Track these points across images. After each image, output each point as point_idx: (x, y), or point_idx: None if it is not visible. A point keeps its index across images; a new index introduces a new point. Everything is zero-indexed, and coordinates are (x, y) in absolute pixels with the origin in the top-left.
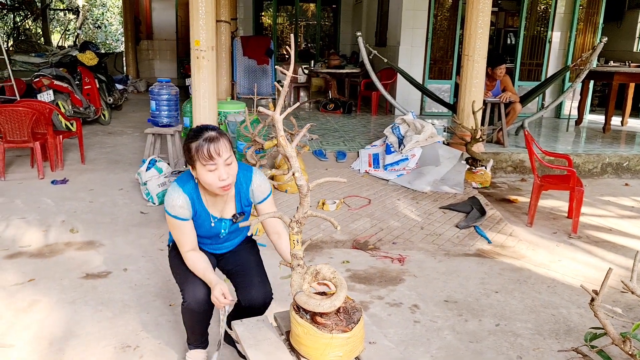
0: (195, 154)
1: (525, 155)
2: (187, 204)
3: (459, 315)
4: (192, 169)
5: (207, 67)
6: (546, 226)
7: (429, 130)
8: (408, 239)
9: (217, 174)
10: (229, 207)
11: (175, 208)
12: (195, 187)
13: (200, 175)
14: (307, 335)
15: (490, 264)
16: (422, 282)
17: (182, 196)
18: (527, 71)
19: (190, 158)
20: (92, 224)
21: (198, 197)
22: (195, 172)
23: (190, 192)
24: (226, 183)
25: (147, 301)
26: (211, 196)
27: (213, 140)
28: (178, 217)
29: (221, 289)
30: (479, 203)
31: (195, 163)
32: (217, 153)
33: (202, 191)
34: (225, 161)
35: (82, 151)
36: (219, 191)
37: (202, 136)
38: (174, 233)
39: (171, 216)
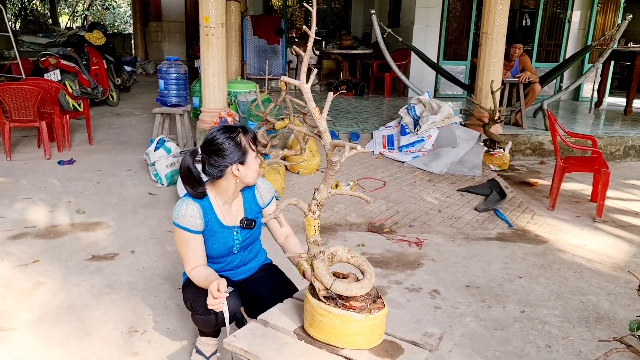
0: (248, 144)
1: (544, 137)
2: (199, 212)
3: (482, 301)
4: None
5: (217, 44)
6: (569, 210)
7: (446, 110)
8: (425, 222)
9: (258, 163)
10: (239, 214)
11: (186, 217)
12: (207, 198)
13: (251, 167)
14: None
15: (512, 249)
16: (442, 266)
17: (192, 204)
18: (545, 52)
19: (242, 153)
20: (99, 204)
21: (210, 207)
22: (241, 168)
23: (201, 202)
24: (260, 169)
25: (155, 284)
26: (223, 205)
27: (251, 133)
28: (188, 229)
29: (219, 284)
30: (498, 185)
31: (247, 155)
32: (256, 142)
33: (214, 201)
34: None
35: (89, 131)
36: (257, 178)
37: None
38: (181, 250)
39: (180, 228)
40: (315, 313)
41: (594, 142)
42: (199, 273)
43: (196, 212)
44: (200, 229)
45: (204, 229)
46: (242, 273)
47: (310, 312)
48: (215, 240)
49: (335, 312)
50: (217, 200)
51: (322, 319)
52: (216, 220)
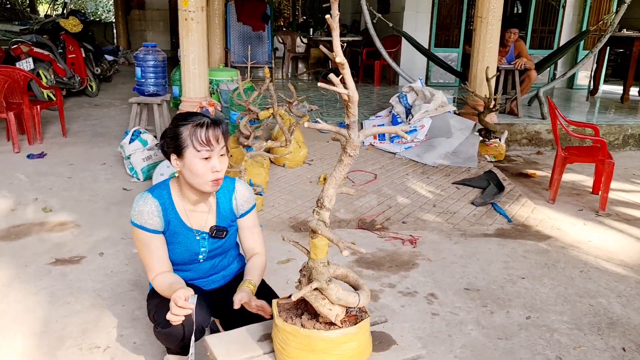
0: (189, 138)
1: (541, 126)
2: (158, 210)
3: (483, 306)
4: (177, 158)
5: (197, 29)
6: (570, 203)
7: (440, 98)
8: (419, 217)
9: (211, 165)
10: (208, 220)
11: (143, 215)
12: (169, 195)
13: (189, 166)
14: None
15: (513, 246)
16: (438, 266)
17: (150, 200)
18: (538, 39)
19: (177, 144)
20: (69, 201)
21: (171, 205)
22: (179, 163)
23: (161, 198)
24: (220, 176)
25: (123, 291)
26: (189, 205)
27: (211, 125)
28: (146, 228)
29: (185, 293)
30: (496, 178)
31: (184, 150)
32: (215, 139)
33: (178, 199)
34: (220, 151)
35: (62, 123)
36: (209, 186)
37: (196, 119)
38: (142, 254)
39: (138, 227)
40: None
41: (596, 130)
42: (163, 280)
43: (154, 209)
44: (160, 228)
45: (164, 229)
46: (214, 282)
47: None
48: (177, 243)
49: (321, 335)
50: (180, 198)
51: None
52: (178, 220)
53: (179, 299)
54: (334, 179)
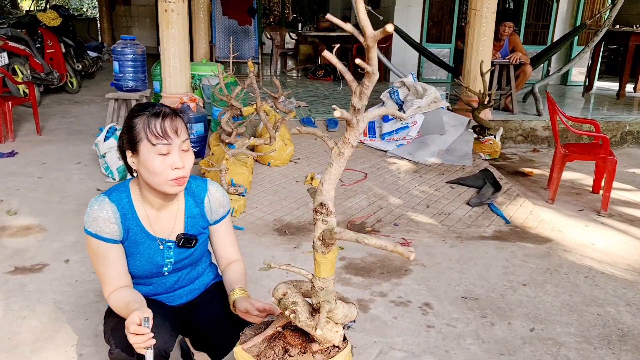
0: (143, 130)
1: (537, 122)
2: (116, 216)
3: (483, 316)
4: (133, 155)
5: (177, 21)
6: (570, 202)
7: (432, 94)
8: (412, 219)
9: (170, 161)
10: (175, 227)
11: (98, 222)
12: (128, 198)
13: (144, 162)
14: None
15: (512, 249)
16: (433, 273)
17: (107, 205)
18: (532, 34)
19: (131, 138)
20: (37, 203)
21: (131, 210)
22: (135, 160)
23: (119, 202)
24: (181, 174)
25: (88, 303)
26: (152, 210)
27: (168, 115)
28: (101, 237)
29: (139, 316)
30: (492, 176)
31: (139, 144)
32: (173, 130)
33: (139, 203)
34: (182, 145)
35: (37, 120)
36: (169, 186)
37: (152, 109)
38: (96, 266)
39: (92, 236)
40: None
41: (596, 127)
42: (120, 297)
43: (111, 214)
44: (117, 237)
45: (123, 238)
46: (181, 296)
47: None
48: (138, 254)
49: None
50: (142, 202)
51: None
52: (139, 227)
53: (131, 324)
54: (332, 176)
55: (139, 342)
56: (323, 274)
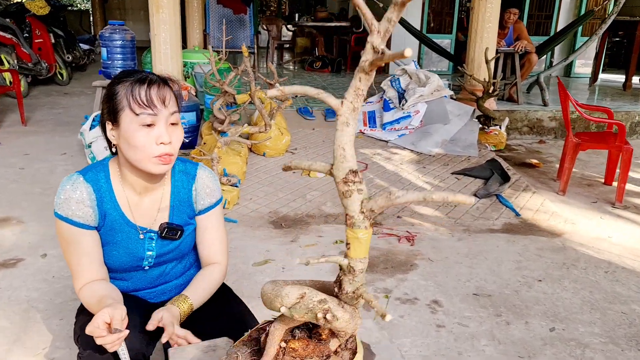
0: (126, 98)
1: (543, 113)
2: (91, 198)
3: (497, 315)
4: (113, 127)
5: (168, 5)
6: (582, 194)
7: (435, 82)
8: (416, 211)
9: (155, 134)
10: (159, 215)
11: (70, 204)
12: (107, 179)
13: (125, 135)
14: None
15: (524, 243)
16: (441, 268)
17: (81, 185)
18: (535, 25)
19: (112, 107)
20: (16, 195)
21: (109, 192)
22: (115, 134)
23: (96, 182)
24: (167, 150)
25: (64, 301)
26: (133, 194)
27: (156, 82)
28: (74, 222)
29: (109, 314)
30: (500, 167)
31: (120, 114)
32: (160, 99)
33: (118, 185)
34: (170, 118)
35: (21, 110)
36: (152, 164)
37: (137, 75)
38: (66, 255)
39: (62, 220)
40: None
41: (609, 114)
42: (93, 292)
43: (85, 196)
44: (92, 222)
45: (99, 224)
46: (165, 293)
47: None
48: (115, 244)
49: None
50: (122, 185)
51: None
52: (118, 213)
53: (99, 323)
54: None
55: (108, 342)
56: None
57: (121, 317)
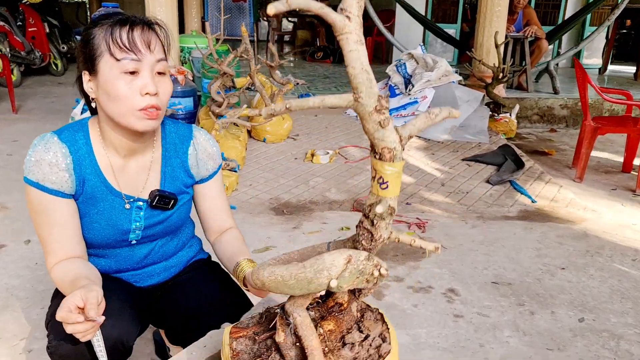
0: (105, 41)
1: (554, 101)
2: (67, 161)
3: (519, 304)
4: (91, 77)
5: None
6: (600, 182)
7: (443, 67)
8: (426, 198)
9: (140, 83)
10: (148, 181)
11: (42, 167)
12: (86, 140)
13: (105, 85)
14: None
15: (542, 230)
16: (455, 255)
17: (56, 146)
18: (542, 14)
19: (89, 54)
20: (2, 182)
21: (89, 155)
22: (93, 85)
23: (74, 143)
24: (152, 102)
25: (46, 289)
26: (117, 157)
27: (139, 24)
28: (46, 188)
29: (82, 296)
30: (513, 152)
31: (98, 60)
32: (145, 43)
33: (99, 147)
34: (156, 66)
35: (12, 97)
36: (138, 119)
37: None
38: (37, 226)
39: (32, 186)
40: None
41: (628, 97)
42: (66, 271)
43: (60, 158)
44: (69, 189)
45: (76, 192)
46: (152, 275)
47: None
48: (97, 214)
49: None
50: (104, 147)
51: None
52: (99, 178)
53: (70, 306)
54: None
55: (79, 330)
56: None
57: (96, 301)
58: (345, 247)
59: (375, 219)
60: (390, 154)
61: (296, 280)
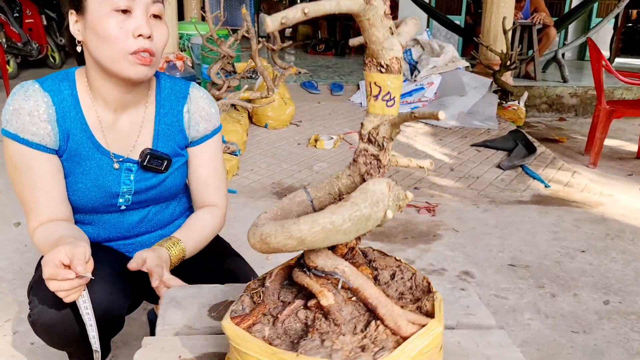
0: None
1: (563, 89)
2: (49, 112)
3: (539, 286)
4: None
5: None
6: (614, 167)
7: (450, 52)
8: (435, 182)
9: (133, 24)
10: (139, 140)
11: (21, 117)
12: (72, 90)
13: (94, 25)
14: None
15: (558, 214)
16: (468, 238)
17: (38, 94)
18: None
19: None
20: None
21: (76, 107)
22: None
23: (57, 93)
24: (146, 46)
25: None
26: (106, 110)
27: None
28: (25, 141)
29: (68, 252)
30: (524, 137)
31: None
32: None
33: (87, 100)
34: (151, 7)
35: (6, 85)
36: (129, 64)
37: None
38: (17, 185)
39: (10, 138)
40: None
41: None
42: (50, 233)
43: (42, 108)
44: (51, 143)
45: (60, 147)
46: (146, 245)
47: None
48: (82, 174)
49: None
50: (92, 99)
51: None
52: (86, 134)
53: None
54: None
55: (65, 288)
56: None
57: (84, 258)
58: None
59: (384, 142)
60: (398, 65)
61: (352, 221)
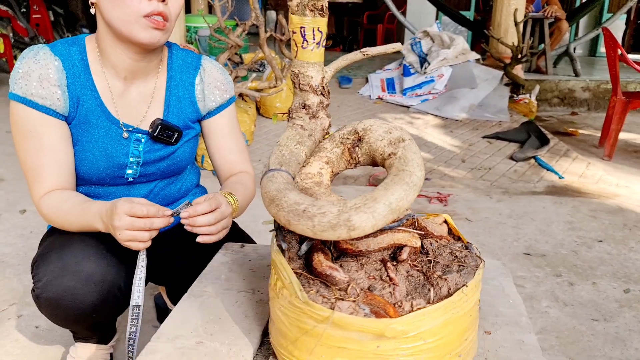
0: None
1: (575, 83)
2: (59, 76)
3: (556, 275)
4: None
5: None
6: (629, 160)
7: (460, 44)
8: (446, 174)
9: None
10: (150, 110)
11: (30, 80)
12: (83, 56)
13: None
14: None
15: (574, 204)
16: (482, 228)
17: (48, 59)
18: None
19: None
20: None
21: (86, 73)
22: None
23: (68, 57)
24: (160, 9)
25: None
26: (117, 79)
27: None
28: (34, 104)
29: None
30: (537, 129)
31: None
32: None
33: (97, 67)
34: None
35: None
36: (142, 28)
37: None
38: (22, 152)
39: (19, 101)
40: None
41: None
42: (65, 197)
43: (52, 72)
44: (61, 109)
45: (69, 112)
46: None
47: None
48: (90, 142)
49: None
50: (102, 66)
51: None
52: (96, 101)
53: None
54: None
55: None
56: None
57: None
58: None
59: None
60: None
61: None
